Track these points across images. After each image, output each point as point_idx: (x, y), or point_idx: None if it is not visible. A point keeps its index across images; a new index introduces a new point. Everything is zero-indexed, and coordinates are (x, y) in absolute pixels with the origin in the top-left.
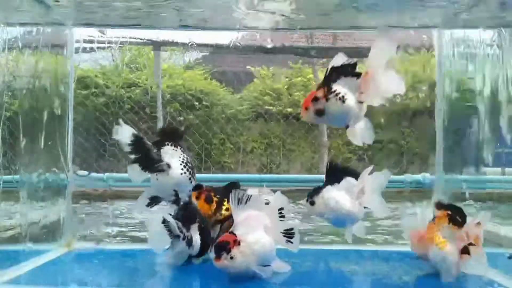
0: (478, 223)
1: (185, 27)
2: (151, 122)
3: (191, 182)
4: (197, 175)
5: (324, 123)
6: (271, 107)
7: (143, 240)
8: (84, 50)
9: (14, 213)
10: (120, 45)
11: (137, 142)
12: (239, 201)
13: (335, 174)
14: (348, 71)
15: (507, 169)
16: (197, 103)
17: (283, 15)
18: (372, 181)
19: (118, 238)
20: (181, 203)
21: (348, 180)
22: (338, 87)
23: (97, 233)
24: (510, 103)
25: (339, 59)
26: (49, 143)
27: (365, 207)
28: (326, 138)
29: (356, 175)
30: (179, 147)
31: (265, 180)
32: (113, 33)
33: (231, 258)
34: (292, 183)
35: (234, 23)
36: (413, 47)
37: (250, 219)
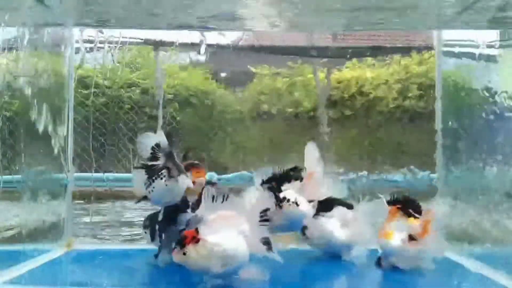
0: (429, 210)
1: (185, 27)
2: (151, 122)
3: None
4: None
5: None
6: (271, 107)
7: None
8: (84, 50)
9: (14, 213)
10: (120, 45)
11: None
12: (213, 199)
13: (327, 204)
14: (291, 176)
15: None
16: (197, 103)
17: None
18: (364, 212)
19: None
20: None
21: (340, 210)
22: (286, 193)
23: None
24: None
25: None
26: (49, 143)
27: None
28: (326, 138)
29: (347, 206)
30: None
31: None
32: (113, 33)
33: (184, 254)
34: None
35: (234, 23)
36: (413, 47)
37: (220, 218)
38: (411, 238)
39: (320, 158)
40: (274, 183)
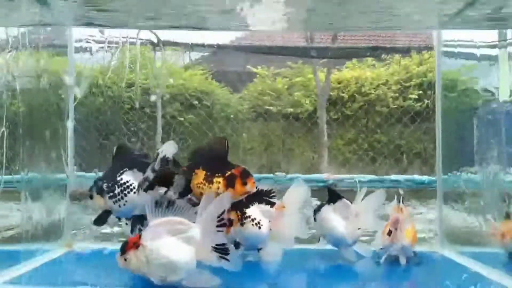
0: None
1: (185, 27)
2: (151, 122)
3: None
4: None
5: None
6: (271, 107)
7: None
8: (85, 50)
9: (14, 213)
10: (120, 45)
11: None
12: (157, 204)
13: (333, 195)
14: (263, 199)
15: None
16: (197, 103)
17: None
18: (366, 203)
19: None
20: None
21: (344, 202)
22: (252, 212)
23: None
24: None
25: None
26: (49, 143)
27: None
28: (326, 138)
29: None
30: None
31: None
32: (112, 33)
33: (125, 260)
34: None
35: (234, 23)
36: (413, 47)
37: (162, 225)
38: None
39: (305, 200)
40: (244, 199)
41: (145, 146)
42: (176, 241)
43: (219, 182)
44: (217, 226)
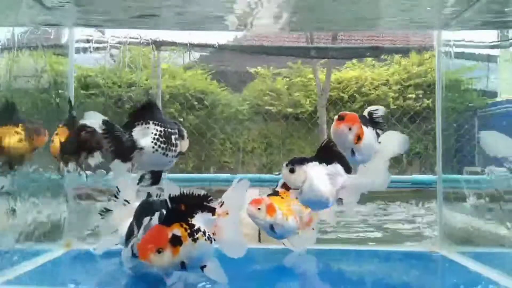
0: None
1: (185, 27)
2: None
3: (166, 155)
4: (198, 175)
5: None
6: (271, 107)
7: None
8: (84, 50)
9: (14, 213)
10: (120, 45)
11: (107, 130)
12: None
13: (326, 155)
14: (203, 206)
15: None
16: (197, 103)
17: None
18: (356, 181)
19: None
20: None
21: (336, 167)
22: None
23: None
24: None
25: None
26: (49, 142)
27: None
28: (326, 138)
29: (346, 165)
30: (151, 123)
31: (265, 180)
32: (112, 33)
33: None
34: None
35: (234, 23)
36: (413, 47)
37: None
38: None
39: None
40: (184, 207)
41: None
42: None
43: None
44: None
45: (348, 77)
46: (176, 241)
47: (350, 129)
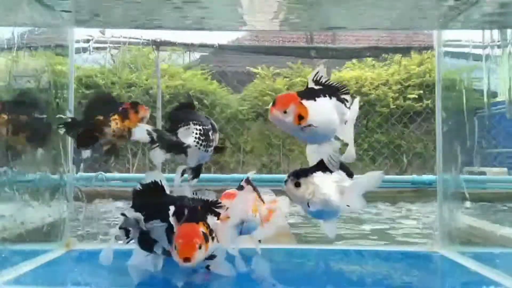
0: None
1: (185, 27)
2: (151, 122)
3: (207, 151)
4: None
5: None
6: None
7: None
8: (85, 50)
9: (14, 213)
10: (120, 45)
11: (160, 138)
12: None
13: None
14: (210, 209)
15: None
16: (197, 103)
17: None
18: (357, 182)
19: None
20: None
21: (341, 174)
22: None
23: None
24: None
25: None
26: (49, 143)
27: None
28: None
29: (347, 171)
30: (191, 123)
31: (265, 180)
32: (113, 33)
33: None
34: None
35: (234, 23)
36: (413, 47)
37: None
38: None
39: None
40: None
41: (146, 146)
42: None
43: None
44: None
45: (348, 77)
46: (207, 238)
47: (285, 112)
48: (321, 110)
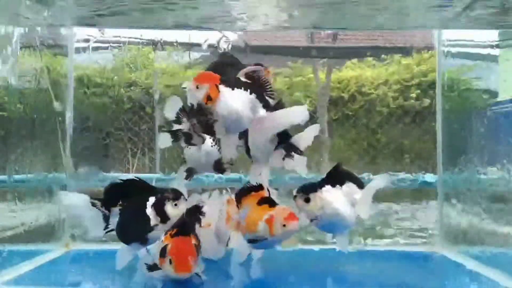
0: None
1: (185, 27)
2: (151, 122)
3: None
4: (198, 176)
5: None
6: None
7: None
8: (84, 49)
9: (13, 213)
10: (120, 44)
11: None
12: None
13: (337, 176)
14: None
15: None
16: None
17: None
18: (367, 190)
19: None
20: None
21: (350, 186)
22: None
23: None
24: None
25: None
26: (49, 142)
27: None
28: (327, 138)
29: (357, 182)
30: None
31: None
32: (112, 33)
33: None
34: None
35: (234, 23)
36: (413, 47)
37: None
38: None
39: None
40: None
41: (146, 146)
42: None
43: None
44: None
45: (348, 76)
46: (198, 250)
47: (197, 87)
48: (232, 100)
